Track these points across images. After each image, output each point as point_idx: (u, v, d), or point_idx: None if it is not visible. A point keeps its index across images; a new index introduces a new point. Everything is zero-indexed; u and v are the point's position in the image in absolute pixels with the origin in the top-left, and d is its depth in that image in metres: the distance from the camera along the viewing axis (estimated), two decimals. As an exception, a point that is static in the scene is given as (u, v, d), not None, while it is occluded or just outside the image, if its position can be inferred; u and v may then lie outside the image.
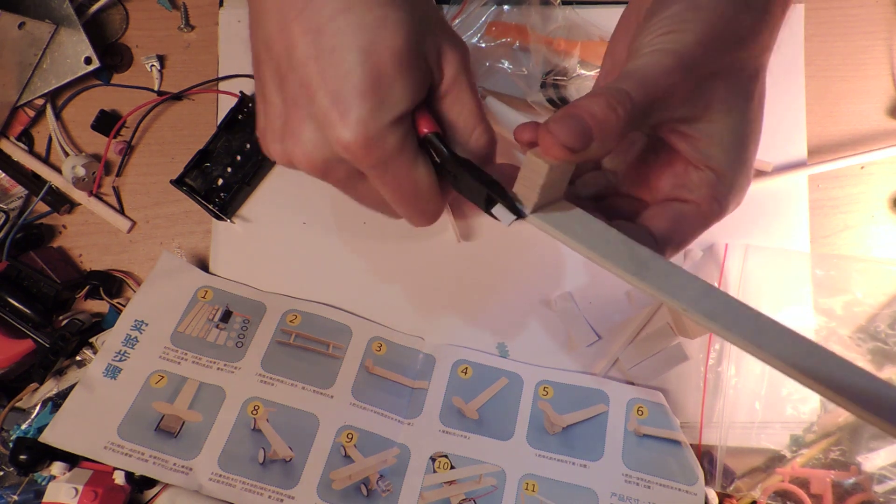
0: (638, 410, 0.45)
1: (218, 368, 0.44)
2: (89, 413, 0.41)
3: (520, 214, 0.28)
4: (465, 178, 0.30)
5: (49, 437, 0.40)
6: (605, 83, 0.32)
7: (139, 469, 0.40)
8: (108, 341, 0.44)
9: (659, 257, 0.27)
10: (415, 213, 0.32)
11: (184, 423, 0.42)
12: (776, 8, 0.29)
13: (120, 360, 0.43)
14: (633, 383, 0.46)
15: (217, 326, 0.45)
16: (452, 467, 0.43)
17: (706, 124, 0.28)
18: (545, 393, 0.46)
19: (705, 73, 0.27)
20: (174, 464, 0.40)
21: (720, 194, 0.30)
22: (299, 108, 0.28)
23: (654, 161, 0.32)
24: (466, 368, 0.46)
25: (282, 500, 0.40)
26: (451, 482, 0.43)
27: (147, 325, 0.45)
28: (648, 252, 0.27)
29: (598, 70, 0.48)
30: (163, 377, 0.43)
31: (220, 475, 0.40)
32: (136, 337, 0.44)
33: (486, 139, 0.32)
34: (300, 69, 0.27)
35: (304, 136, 0.28)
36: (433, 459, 0.43)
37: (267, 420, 0.43)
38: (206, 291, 0.47)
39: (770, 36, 0.29)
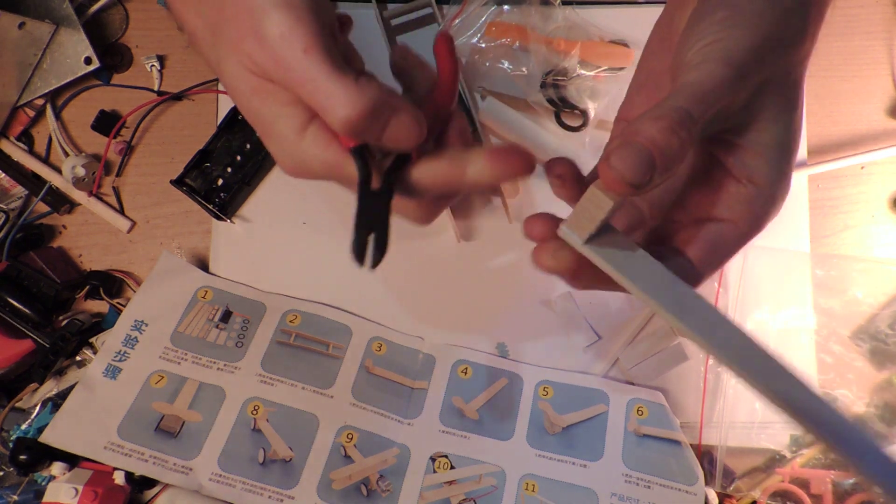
0: (638, 410, 0.45)
1: (218, 368, 0.44)
2: (89, 413, 0.41)
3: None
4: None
5: (49, 437, 0.40)
6: (641, 97, 0.31)
7: (139, 469, 0.40)
8: (108, 341, 0.44)
9: (700, 298, 0.26)
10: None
11: (184, 423, 0.42)
12: (817, 12, 0.28)
13: (120, 361, 0.43)
14: (633, 383, 0.46)
15: (217, 326, 0.45)
16: (452, 467, 0.43)
17: (755, 134, 0.27)
18: (545, 393, 0.46)
19: (757, 80, 0.26)
20: (174, 464, 0.40)
21: (759, 211, 0.28)
22: (269, 140, 0.30)
23: (690, 178, 0.30)
24: (466, 368, 0.46)
25: (282, 501, 0.40)
26: (451, 482, 0.43)
27: (147, 325, 0.45)
28: (691, 292, 0.26)
29: (598, 70, 0.48)
30: (163, 377, 0.43)
31: (220, 475, 0.40)
32: (136, 337, 0.44)
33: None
34: (256, 117, 0.30)
35: (284, 164, 0.30)
36: (433, 459, 0.43)
37: (267, 420, 0.43)
38: (206, 291, 0.47)
39: (812, 42, 0.28)
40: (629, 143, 0.23)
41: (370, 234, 0.27)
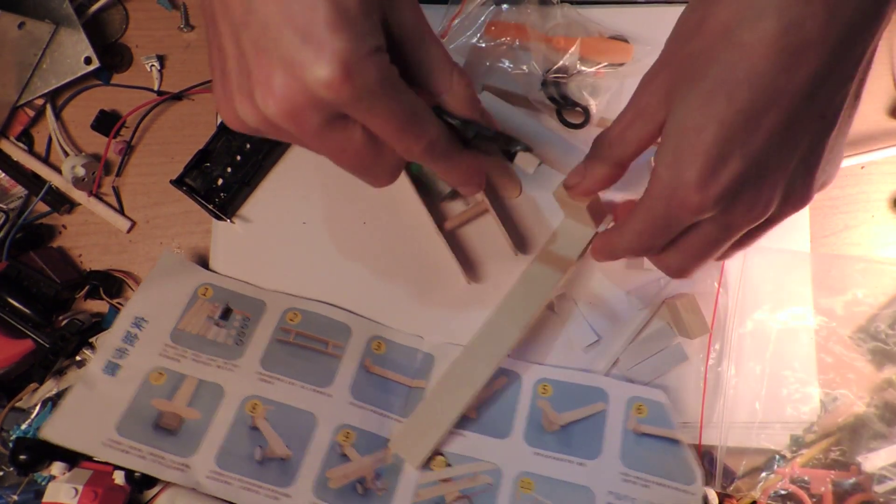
0: (637, 409, 0.45)
1: (217, 366, 0.44)
2: (88, 410, 0.41)
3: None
4: (479, 141, 0.31)
5: (48, 434, 0.40)
6: (657, 82, 0.32)
7: (137, 466, 0.40)
8: (108, 338, 0.44)
9: None
10: (413, 139, 0.30)
11: (182, 420, 0.42)
12: None
13: (119, 357, 0.43)
14: (633, 381, 0.46)
15: (217, 324, 0.45)
16: (448, 465, 0.43)
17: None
18: (544, 391, 0.46)
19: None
20: (172, 461, 0.40)
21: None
22: (264, 55, 0.26)
23: None
24: (466, 368, 0.46)
25: (278, 499, 0.40)
26: (446, 480, 0.43)
27: (147, 322, 0.45)
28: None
29: (599, 66, 0.48)
30: (162, 374, 0.43)
31: (218, 473, 0.41)
32: (135, 334, 0.44)
33: (467, 79, 0.32)
34: (260, 12, 0.25)
35: (274, 83, 0.26)
36: (429, 457, 0.43)
37: (265, 418, 0.43)
38: (207, 289, 0.47)
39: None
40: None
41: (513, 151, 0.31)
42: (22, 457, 0.39)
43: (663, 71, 0.31)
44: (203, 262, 0.49)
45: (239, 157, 0.47)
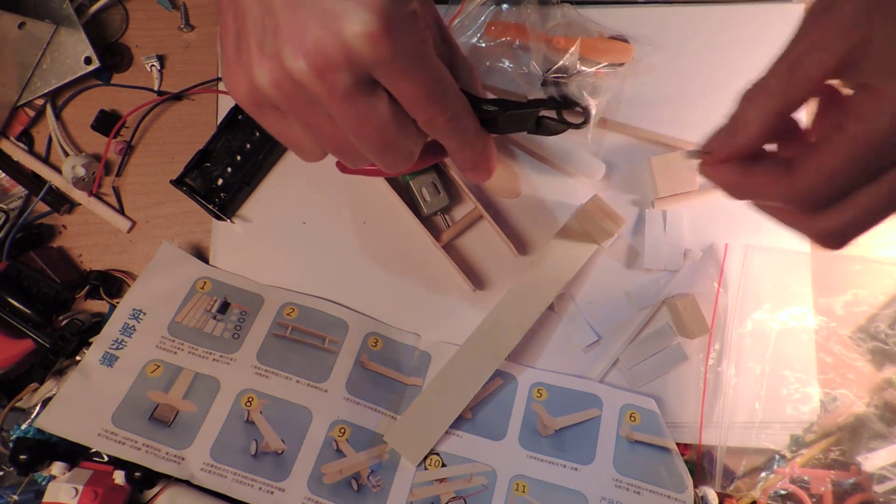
0: (631, 416, 0.45)
1: (213, 359, 0.44)
2: (84, 400, 0.41)
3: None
4: (507, 116, 0.33)
5: (44, 423, 0.40)
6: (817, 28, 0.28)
7: (132, 457, 0.40)
8: (106, 329, 0.44)
9: None
10: (440, 109, 0.29)
11: (178, 412, 0.42)
12: None
13: (117, 349, 0.43)
14: (627, 389, 0.46)
15: (214, 317, 0.46)
16: (444, 465, 0.43)
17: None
18: (539, 395, 0.46)
19: None
20: (167, 453, 0.40)
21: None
22: (301, 8, 0.25)
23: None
24: (465, 368, 0.46)
25: (272, 493, 0.41)
26: (441, 480, 0.43)
27: (145, 314, 0.45)
28: None
29: (599, 66, 0.48)
30: (158, 366, 0.43)
31: (212, 465, 0.41)
32: (133, 326, 0.44)
33: (470, 63, 0.33)
34: None
35: (308, 36, 0.25)
36: (425, 457, 0.43)
37: (260, 412, 0.43)
38: (205, 282, 0.47)
39: None
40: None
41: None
42: (22, 457, 0.40)
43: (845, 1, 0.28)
44: (203, 261, 0.49)
45: (239, 157, 0.47)
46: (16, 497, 0.42)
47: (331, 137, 0.30)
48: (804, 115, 0.32)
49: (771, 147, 0.31)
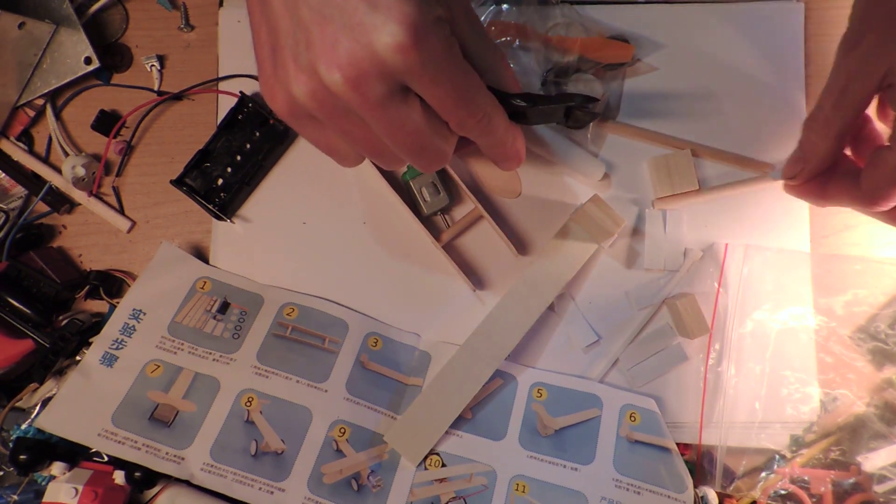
0: (631, 416, 0.45)
1: (213, 359, 0.44)
2: (84, 400, 0.41)
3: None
4: (536, 109, 0.34)
5: (44, 423, 0.40)
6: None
7: (132, 457, 0.40)
8: (106, 329, 0.44)
9: None
10: (471, 112, 0.31)
11: (178, 412, 0.42)
12: None
13: (117, 349, 0.43)
14: (627, 389, 0.46)
15: (214, 317, 0.46)
16: (444, 465, 0.43)
17: None
18: (539, 395, 0.46)
19: None
20: (167, 453, 0.40)
21: None
22: (329, 23, 0.26)
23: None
24: (465, 368, 0.46)
25: (272, 493, 0.41)
26: (441, 480, 0.43)
27: (145, 314, 0.45)
28: None
29: (599, 66, 0.48)
30: (158, 366, 0.43)
31: (212, 465, 0.41)
32: (133, 326, 0.44)
33: (502, 52, 0.34)
34: None
35: (340, 50, 0.26)
36: (425, 457, 0.43)
37: (260, 412, 0.43)
38: (205, 282, 0.47)
39: None
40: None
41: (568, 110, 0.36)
42: (22, 457, 0.40)
43: (868, 34, 0.34)
44: (203, 261, 0.49)
45: (239, 157, 0.47)
46: (16, 497, 0.42)
47: (367, 143, 0.31)
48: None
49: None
